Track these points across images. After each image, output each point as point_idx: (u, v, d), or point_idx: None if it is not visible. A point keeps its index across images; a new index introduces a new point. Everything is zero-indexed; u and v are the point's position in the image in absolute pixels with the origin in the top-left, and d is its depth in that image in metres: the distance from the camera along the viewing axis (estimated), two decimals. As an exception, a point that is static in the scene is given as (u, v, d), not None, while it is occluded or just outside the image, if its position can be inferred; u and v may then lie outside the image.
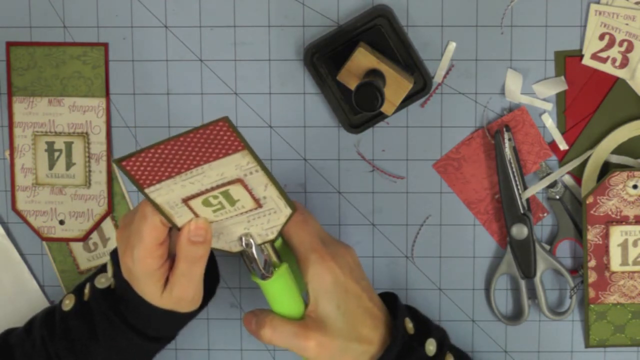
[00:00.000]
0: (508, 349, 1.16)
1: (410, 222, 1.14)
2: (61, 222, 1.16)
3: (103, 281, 1.01)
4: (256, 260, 0.96)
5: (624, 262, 1.11)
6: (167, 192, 0.91)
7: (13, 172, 1.15)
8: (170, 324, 1.01)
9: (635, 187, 1.09)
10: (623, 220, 1.10)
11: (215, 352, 1.17)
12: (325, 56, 1.10)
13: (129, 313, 0.99)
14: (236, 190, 0.92)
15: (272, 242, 0.97)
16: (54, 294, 1.17)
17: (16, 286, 1.17)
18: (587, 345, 1.14)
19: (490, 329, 1.16)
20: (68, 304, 1.03)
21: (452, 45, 1.11)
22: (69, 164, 1.14)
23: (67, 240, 1.16)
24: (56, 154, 1.14)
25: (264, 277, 0.97)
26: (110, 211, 1.15)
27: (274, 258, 0.98)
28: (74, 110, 1.14)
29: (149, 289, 0.97)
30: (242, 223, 0.95)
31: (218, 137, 0.87)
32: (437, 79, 1.12)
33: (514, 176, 1.11)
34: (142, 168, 0.89)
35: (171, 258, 0.97)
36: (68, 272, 1.17)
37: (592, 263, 1.11)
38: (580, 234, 1.13)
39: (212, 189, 0.91)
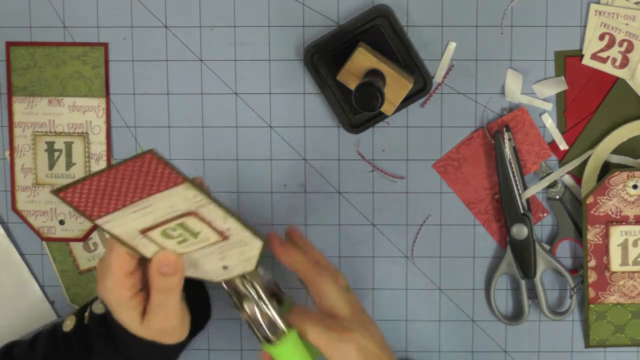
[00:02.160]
0: (508, 349, 1.16)
1: (410, 222, 1.14)
2: (61, 222, 1.16)
3: (101, 306, 1.01)
4: (259, 321, 0.96)
5: (624, 262, 1.11)
6: (121, 224, 0.89)
7: (13, 172, 1.15)
8: (157, 354, 1.00)
9: (635, 187, 1.09)
10: (623, 220, 1.10)
11: (215, 352, 1.17)
12: (325, 56, 1.10)
13: (119, 341, 0.99)
14: (193, 223, 0.89)
15: (275, 306, 0.97)
16: (54, 294, 1.17)
17: (16, 286, 1.17)
18: (587, 345, 1.14)
19: (490, 329, 1.16)
20: (69, 324, 1.03)
21: (452, 45, 1.11)
22: (69, 164, 1.14)
23: (67, 240, 1.16)
24: (56, 154, 1.14)
25: (269, 341, 0.97)
26: (110, 211, 1.15)
27: (281, 324, 0.97)
28: (74, 110, 1.14)
29: (127, 318, 0.96)
30: (215, 254, 0.92)
31: (151, 170, 0.86)
32: (437, 79, 1.12)
33: (514, 176, 1.11)
34: (83, 199, 0.87)
35: (148, 288, 0.95)
36: (68, 272, 1.17)
37: (592, 263, 1.11)
38: (580, 234, 1.13)
39: (167, 221, 0.89)
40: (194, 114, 1.14)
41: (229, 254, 0.92)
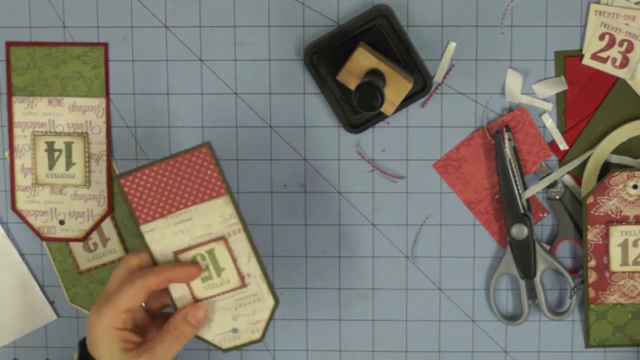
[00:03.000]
0: (508, 349, 1.16)
1: (410, 222, 1.14)
2: (61, 222, 1.16)
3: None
4: None
5: (624, 262, 1.11)
6: (161, 237, 0.97)
7: (13, 172, 1.15)
8: None
9: (635, 187, 1.09)
10: (623, 220, 1.10)
11: (215, 352, 1.17)
12: (325, 56, 1.10)
13: None
14: (221, 253, 0.97)
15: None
16: (54, 294, 1.17)
17: (16, 286, 1.17)
18: (587, 345, 1.14)
19: (490, 329, 1.16)
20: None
21: (452, 45, 1.11)
22: (69, 164, 1.14)
23: (67, 240, 1.16)
24: (56, 154, 1.14)
25: None
26: (110, 211, 1.15)
27: None
28: (74, 110, 1.14)
29: (106, 347, 0.98)
30: (230, 310, 0.99)
31: (203, 165, 0.95)
32: (437, 79, 1.12)
33: (514, 176, 1.11)
34: (138, 193, 0.96)
35: (138, 337, 0.99)
36: (68, 272, 1.17)
37: (592, 263, 1.11)
38: (580, 234, 1.13)
39: (200, 244, 0.97)
40: (194, 114, 1.14)
41: (241, 312, 1.00)
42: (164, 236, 0.97)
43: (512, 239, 1.13)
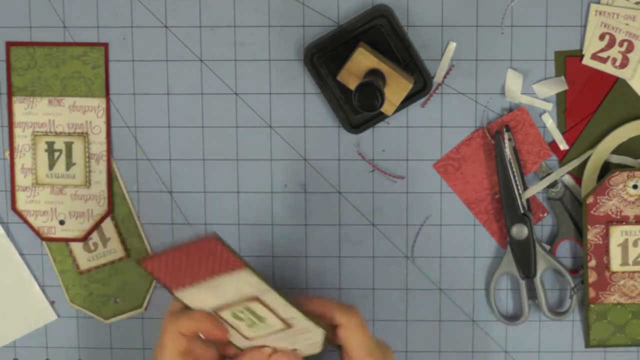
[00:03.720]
0: (508, 349, 1.16)
1: (410, 222, 1.14)
2: (61, 222, 1.16)
3: None
4: None
5: (624, 262, 1.11)
6: (197, 300, 0.96)
7: (13, 172, 1.15)
8: None
9: (635, 187, 1.09)
10: (623, 220, 1.10)
11: (215, 352, 1.17)
12: (325, 56, 1.10)
13: None
14: (258, 308, 0.96)
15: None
16: (54, 294, 1.17)
17: (16, 286, 1.17)
18: (587, 345, 1.14)
19: (490, 329, 1.16)
20: None
21: (452, 45, 1.11)
22: (69, 164, 1.14)
23: (67, 240, 1.16)
24: (56, 154, 1.14)
25: None
26: (110, 211, 1.15)
27: None
28: (74, 110, 1.14)
29: None
30: (285, 340, 0.98)
31: (215, 252, 0.92)
32: (437, 79, 1.12)
33: (514, 176, 1.11)
34: (162, 272, 0.94)
35: None
36: (68, 272, 1.17)
37: (592, 263, 1.11)
38: (580, 234, 1.13)
39: (235, 303, 0.96)
40: (194, 114, 1.14)
41: (296, 339, 0.98)
42: (200, 299, 0.96)
43: (512, 239, 1.13)
